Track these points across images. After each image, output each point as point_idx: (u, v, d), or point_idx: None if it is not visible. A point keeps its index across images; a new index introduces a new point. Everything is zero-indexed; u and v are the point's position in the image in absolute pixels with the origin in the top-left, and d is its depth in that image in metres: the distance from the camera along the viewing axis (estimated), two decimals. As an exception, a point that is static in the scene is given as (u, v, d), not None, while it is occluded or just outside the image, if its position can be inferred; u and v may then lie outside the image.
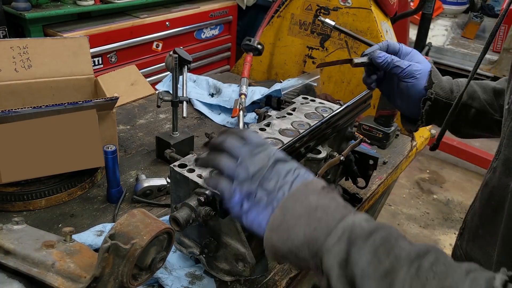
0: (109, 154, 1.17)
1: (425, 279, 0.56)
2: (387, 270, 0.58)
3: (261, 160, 0.75)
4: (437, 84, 1.08)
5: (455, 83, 1.12)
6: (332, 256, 0.63)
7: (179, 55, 1.33)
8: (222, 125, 1.74)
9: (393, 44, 1.12)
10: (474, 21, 5.32)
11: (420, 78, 1.07)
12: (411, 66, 1.07)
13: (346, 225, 0.65)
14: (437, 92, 1.08)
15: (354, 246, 0.62)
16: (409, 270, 0.57)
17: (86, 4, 2.88)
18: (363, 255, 0.60)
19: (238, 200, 0.74)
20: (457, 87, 1.11)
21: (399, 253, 0.60)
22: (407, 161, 1.70)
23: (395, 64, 1.07)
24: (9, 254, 0.83)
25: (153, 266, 0.78)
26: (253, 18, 4.10)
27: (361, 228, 0.64)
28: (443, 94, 1.09)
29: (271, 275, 1.05)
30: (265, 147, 0.78)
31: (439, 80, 1.09)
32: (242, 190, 0.74)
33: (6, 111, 1.05)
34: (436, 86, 1.08)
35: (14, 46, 1.30)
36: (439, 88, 1.08)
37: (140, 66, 2.98)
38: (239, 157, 0.76)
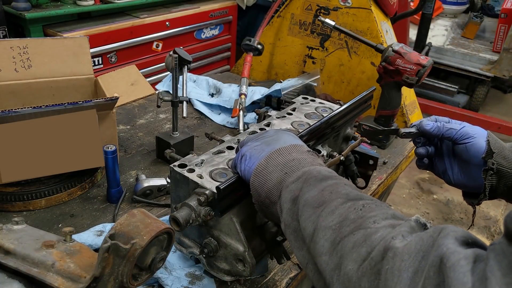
0: (109, 154, 1.17)
1: (352, 209, 0.62)
2: (324, 200, 0.65)
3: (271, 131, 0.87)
4: (499, 153, 0.93)
5: None
6: (288, 192, 0.71)
7: (179, 55, 1.33)
8: (222, 125, 1.74)
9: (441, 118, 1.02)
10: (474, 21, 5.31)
11: (477, 137, 0.95)
12: (466, 127, 0.96)
13: (307, 169, 0.73)
14: (499, 162, 0.93)
15: (307, 184, 0.69)
16: (343, 203, 0.63)
17: (86, 4, 2.88)
18: (311, 190, 0.68)
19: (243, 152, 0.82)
20: None
21: (340, 191, 0.66)
22: (407, 161, 1.70)
23: (447, 127, 0.97)
24: (9, 254, 0.83)
25: (153, 266, 0.78)
26: (253, 18, 4.10)
27: (318, 172, 0.71)
28: (507, 164, 0.93)
29: (271, 275, 1.05)
30: None
31: (501, 147, 0.94)
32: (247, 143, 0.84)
33: (6, 111, 1.05)
34: (497, 155, 0.93)
35: (14, 46, 1.30)
36: (501, 157, 0.93)
37: (140, 66, 2.98)
38: None
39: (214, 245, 0.92)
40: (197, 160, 0.95)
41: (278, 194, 0.74)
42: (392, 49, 1.50)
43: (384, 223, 0.58)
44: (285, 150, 0.78)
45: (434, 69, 4.73)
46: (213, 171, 0.92)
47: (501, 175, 0.94)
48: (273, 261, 1.07)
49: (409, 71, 1.47)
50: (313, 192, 0.67)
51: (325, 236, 0.61)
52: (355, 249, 0.57)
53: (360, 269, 0.54)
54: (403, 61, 1.48)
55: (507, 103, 5.56)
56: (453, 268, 0.45)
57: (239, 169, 0.82)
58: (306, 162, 0.75)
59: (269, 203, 0.76)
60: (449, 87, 4.96)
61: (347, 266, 0.56)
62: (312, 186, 0.68)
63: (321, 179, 0.69)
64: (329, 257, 0.60)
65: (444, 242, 0.49)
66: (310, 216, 0.65)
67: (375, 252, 0.54)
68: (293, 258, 1.11)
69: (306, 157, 0.77)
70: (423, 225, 0.57)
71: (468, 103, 5.01)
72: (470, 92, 5.04)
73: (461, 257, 0.46)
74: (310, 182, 0.69)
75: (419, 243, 0.51)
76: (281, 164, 0.76)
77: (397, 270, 0.50)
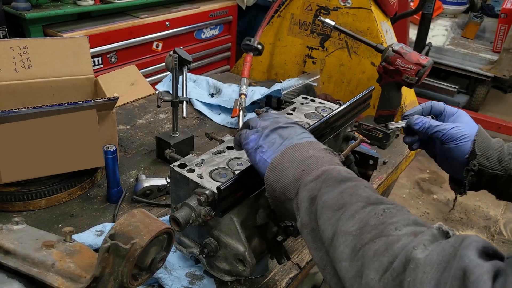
0: (109, 154, 1.17)
1: (373, 214, 0.61)
2: (344, 203, 0.64)
3: (281, 119, 0.85)
4: (482, 154, 0.97)
5: (507, 150, 0.99)
6: (306, 190, 0.70)
7: (179, 55, 1.33)
8: (222, 125, 1.74)
9: (438, 105, 1.06)
10: (474, 21, 5.31)
11: (464, 140, 0.98)
12: (454, 128, 0.99)
13: (327, 168, 0.71)
14: (482, 162, 0.98)
15: (326, 184, 0.68)
16: (363, 207, 0.62)
17: (86, 4, 2.88)
18: (330, 192, 0.66)
19: (254, 138, 0.81)
20: (508, 155, 0.99)
21: (360, 194, 0.65)
22: (407, 161, 1.70)
23: (435, 129, 1.00)
24: (9, 254, 0.83)
25: (153, 266, 0.78)
26: (253, 18, 4.10)
27: (338, 172, 0.70)
28: (489, 164, 0.98)
29: (271, 275, 1.05)
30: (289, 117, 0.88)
31: (486, 148, 0.98)
32: (260, 130, 0.82)
33: (6, 111, 1.05)
34: (481, 156, 0.97)
35: (14, 46, 1.30)
36: (485, 158, 0.98)
37: (140, 66, 2.98)
38: (266, 118, 0.87)
39: (214, 245, 0.92)
40: (197, 160, 0.95)
41: (295, 191, 0.72)
42: (392, 49, 1.50)
43: (405, 230, 0.57)
44: (302, 146, 0.77)
45: (434, 69, 4.73)
46: (213, 171, 0.92)
47: (483, 174, 0.99)
48: (273, 261, 1.07)
49: (409, 71, 1.47)
50: (332, 193, 0.66)
51: (345, 242, 0.60)
52: (377, 257, 0.56)
53: (382, 280, 0.54)
54: (403, 61, 1.48)
55: (507, 103, 5.56)
56: (476, 283, 0.46)
57: (253, 160, 0.80)
58: (324, 161, 0.74)
59: (285, 199, 0.75)
60: (449, 87, 4.96)
61: (369, 276, 0.55)
62: (332, 187, 0.67)
63: (340, 180, 0.68)
64: (349, 264, 0.59)
65: (467, 253, 0.48)
66: (330, 219, 0.64)
67: (396, 262, 0.53)
68: (293, 258, 1.11)
69: (323, 155, 0.75)
70: (445, 233, 0.56)
71: (468, 103, 5.01)
72: (470, 92, 5.04)
73: (484, 271, 0.46)
74: (329, 183, 0.68)
75: (441, 253, 0.51)
76: (298, 160, 0.74)
77: (419, 283, 0.50)
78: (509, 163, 0.98)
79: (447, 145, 1.00)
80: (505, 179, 0.98)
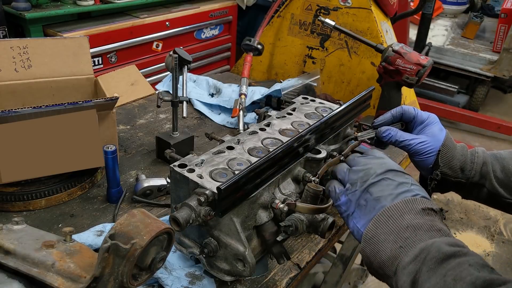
0: (109, 154, 1.17)
1: None
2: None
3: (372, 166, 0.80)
4: (446, 164, 1.03)
5: (470, 158, 1.04)
6: (406, 274, 0.65)
7: (179, 55, 1.33)
8: (222, 125, 1.74)
9: (408, 112, 1.08)
10: (474, 21, 5.32)
11: (428, 156, 1.03)
12: (419, 144, 1.03)
13: (425, 246, 0.66)
14: (445, 172, 1.03)
15: (426, 267, 0.63)
16: None
17: (86, 4, 2.88)
18: (432, 277, 0.61)
19: (344, 201, 0.79)
20: (471, 164, 1.03)
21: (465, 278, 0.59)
22: (407, 161, 1.70)
23: (401, 144, 1.05)
24: (9, 254, 0.83)
25: (153, 266, 0.78)
26: (253, 18, 4.10)
27: (438, 250, 0.64)
28: (452, 173, 1.04)
29: (271, 275, 1.05)
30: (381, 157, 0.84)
31: (449, 158, 1.03)
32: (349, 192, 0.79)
33: (6, 111, 1.05)
34: (444, 166, 1.03)
35: (14, 46, 1.30)
36: (448, 167, 1.03)
37: (140, 66, 2.98)
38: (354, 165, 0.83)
39: (214, 245, 0.92)
40: (197, 160, 0.95)
41: (393, 270, 0.68)
42: (392, 49, 1.50)
43: None
44: (396, 211, 0.72)
45: (434, 69, 4.73)
46: (213, 171, 0.92)
47: (446, 181, 1.04)
48: (273, 261, 1.07)
49: (409, 71, 1.47)
50: (434, 278, 0.61)
51: None
52: None
53: None
54: (403, 61, 1.48)
55: (507, 103, 5.56)
56: None
57: (347, 224, 0.79)
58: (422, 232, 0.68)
59: (383, 273, 0.72)
60: (449, 87, 4.96)
61: None
62: (433, 272, 0.62)
63: (442, 260, 0.63)
64: None
65: None
66: None
67: None
68: (293, 258, 1.11)
69: (421, 222, 0.70)
70: None
71: (468, 103, 5.01)
72: (470, 92, 5.04)
73: None
74: (429, 265, 0.63)
75: None
76: (393, 232, 0.70)
77: None
78: (471, 172, 1.03)
79: (412, 157, 1.06)
80: (467, 185, 1.04)
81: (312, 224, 0.91)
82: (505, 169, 1.02)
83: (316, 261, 1.16)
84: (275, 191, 0.97)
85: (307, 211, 0.89)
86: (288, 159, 0.96)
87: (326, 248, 1.21)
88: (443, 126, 1.08)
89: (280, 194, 0.97)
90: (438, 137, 1.04)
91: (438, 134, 1.04)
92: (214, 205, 0.84)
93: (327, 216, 0.91)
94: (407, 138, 1.04)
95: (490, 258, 3.12)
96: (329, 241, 1.20)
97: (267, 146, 1.04)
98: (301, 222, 0.90)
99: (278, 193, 0.97)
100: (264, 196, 0.94)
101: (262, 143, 1.05)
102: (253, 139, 1.06)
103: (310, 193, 0.91)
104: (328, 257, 2.21)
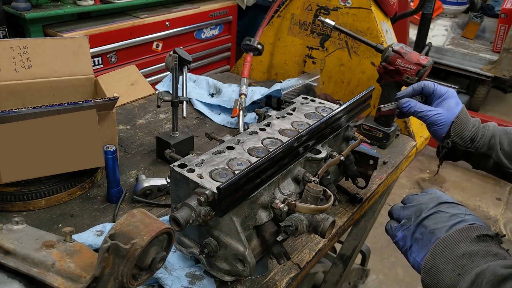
0: (109, 154, 1.17)
1: None
2: None
3: (425, 200, 0.84)
4: (457, 134, 1.12)
5: (481, 131, 1.13)
6: None
7: (179, 55, 1.33)
8: (222, 125, 1.74)
9: (428, 86, 1.19)
10: (474, 21, 5.32)
11: (441, 127, 1.14)
12: (435, 115, 1.14)
13: (480, 270, 0.67)
14: (456, 141, 1.12)
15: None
16: None
17: (86, 4, 2.88)
18: None
19: (401, 237, 0.81)
20: (481, 136, 1.12)
21: None
22: (407, 161, 1.70)
23: (419, 114, 1.16)
24: (9, 254, 0.83)
25: (153, 266, 0.78)
26: (253, 18, 4.10)
27: (494, 273, 0.65)
28: (462, 143, 1.13)
29: (271, 275, 1.05)
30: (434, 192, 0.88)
31: (461, 130, 1.12)
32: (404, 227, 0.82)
33: (6, 111, 1.05)
34: (455, 136, 1.12)
35: (14, 46, 1.30)
36: (459, 137, 1.12)
37: (140, 66, 2.98)
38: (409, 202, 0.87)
39: (214, 245, 0.92)
40: (197, 160, 0.95)
41: None
42: (392, 49, 1.50)
43: None
44: (452, 241, 0.74)
45: (434, 69, 4.73)
46: (213, 171, 0.92)
47: (456, 149, 1.14)
48: (273, 261, 1.07)
49: (409, 71, 1.47)
50: None
51: None
52: None
53: None
54: (403, 61, 1.48)
55: (507, 103, 5.56)
56: None
57: (407, 259, 0.82)
58: (478, 257, 0.70)
59: None
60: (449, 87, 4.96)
61: None
62: None
63: (498, 282, 0.64)
64: None
65: None
66: None
67: None
68: (293, 258, 1.11)
69: (477, 248, 0.72)
70: None
71: (468, 103, 5.01)
72: (470, 92, 5.04)
73: None
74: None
75: None
76: (451, 261, 0.72)
77: None
78: (480, 143, 1.11)
79: (429, 127, 1.17)
80: (476, 155, 1.13)
81: (312, 224, 0.91)
82: (511, 142, 1.10)
83: (316, 261, 1.16)
84: (275, 191, 0.97)
85: (307, 211, 0.89)
86: (288, 159, 0.96)
87: (326, 248, 1.21)
88: None
89: (280, 194, 0.97)
90: (453, 110, 1.14)
91: (454, 107, 1.15)
92: (214, 205, 0.84)
93: (327, 216, 0.91)
94: (424, 110, 1.15)
95: (490, 258, 3.12)
96: (329, 241, 1.20)
97: (267, 146, 1.04)
98: (301, 222, 0.90)
99: (278, 193, 0.97)
100: (264, 196, 0.94)
101: (262, 143, 1.05)
102: (253, 139, 1.06)
103: (310, 193, 0.91)
104: (328, 257, 2.21)
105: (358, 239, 1.91)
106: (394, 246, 0.88)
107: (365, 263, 2.57)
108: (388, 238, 0.93)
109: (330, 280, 1.94)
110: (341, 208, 1.31)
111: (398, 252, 0.89)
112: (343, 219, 1.27)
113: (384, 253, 3.09)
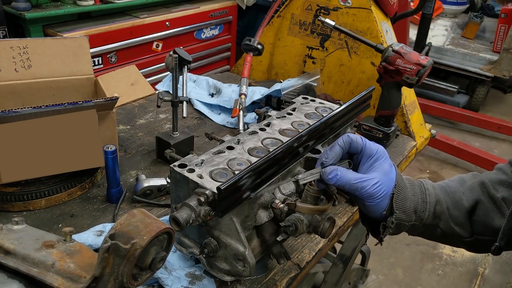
0: (109, 154, 1.17)
1: None
2: None
3: None
4: (400, 208, 0.89)
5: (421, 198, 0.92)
6: None
7: (179, 55, 1.33)
8: (222, 125, 1.74)
9: (356, 142, 0.90)
10: (474, 21, 5.32)
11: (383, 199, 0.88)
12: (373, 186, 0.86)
13: None
14: (399, 217, 0.90)
15: None
16: None
17: (86, 4, 2.88)
18: None
19: None
20: (423, 204, 0.92)
21: None
22: (407, 161, 1.70)
23: (352, 186, 0.87)
24: (9, 254, 0.83)
25: (153, 266, 0.78)
26: (253, 18, 4.10)
27: None
28: (406, 218, 0.91)
29: (271, 275, 1.05)
30: None
31: (403, 201, 0.90)
32: None
33: (6, 111, 1.05)
34: (398, 210, 0.89)
35: (14, 46, 1.30)
36: (402, 211, 0.90)
37: (140, 66, 2.98)
38: None
39: (214, 245, 0.92)
40: (197, 160, 0.95)
41: None
42: (392, 49, 1.50)
43: None
44: None
45: (434, 69, 4.73)
46: (213, 171, 0.92)
47: (399, 225, 0.91)
48: (273, 261, 1.07)
49: (409, 71, 1.47)
50: None
51: None
52: None
53: None
54: (403, 61, 1.48)
55: (507, 103, 5.56)
56: None
57: None
58: None
59: None
60: (449, 87, 4.96)
61: None
62: None
63: None
64: None
65: None
66: None
67: None
68: (293, 258, 1.11)
69: None
70: None
71: (468, 103, 5.01)
72: (470, 92, 5.05)
73: None
74: None
75: None
76: None
77: None
78: (424, 213, 0.92)
79: (363, 201, 0.89)
80: (421, 227, 0.94)
81: (312, 224, 0.91)
82: (458, 205, 0.94)
83: (316, 261, 1.16)
84: (275, 191, 0.97)
85: (307, 211, 0.89)
86: (288, 159, 0.96)
87: (326, 248, 1.21)
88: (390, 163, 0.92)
89: (280, 194, 0.97)
90: (390, 175, 0.89)
91: (390, 172, 0.89)
92: (214, 205, 0.84)
93: (327, 216, 0.91)
94: (359, 179, 0.86)
95: (490, 258, 3.12)
96: (329, 241, 1.20)
97: (267, 146, 1.04)
98: (301, 222, 0.90)
99: (278, 193, 0.97)
100: (264, 196, 0.94)
101: (262, 143, 1.05)
102: (253, 139, 1.06)
103: (310, 193, 0.91)
104: (328, 257, 2.21)
105: (358, 239, 1.91)
106: (394, 246, 0.87)
107: (365, 264, 2.57)
108: (388, 239, 0.91)
109: (330, 280, 1.94)
110: (341, 208, 1.31)
111: (398, 253, 0.87)
112: (343, 219, 1.27)
113: (384, 254, 3.09)
